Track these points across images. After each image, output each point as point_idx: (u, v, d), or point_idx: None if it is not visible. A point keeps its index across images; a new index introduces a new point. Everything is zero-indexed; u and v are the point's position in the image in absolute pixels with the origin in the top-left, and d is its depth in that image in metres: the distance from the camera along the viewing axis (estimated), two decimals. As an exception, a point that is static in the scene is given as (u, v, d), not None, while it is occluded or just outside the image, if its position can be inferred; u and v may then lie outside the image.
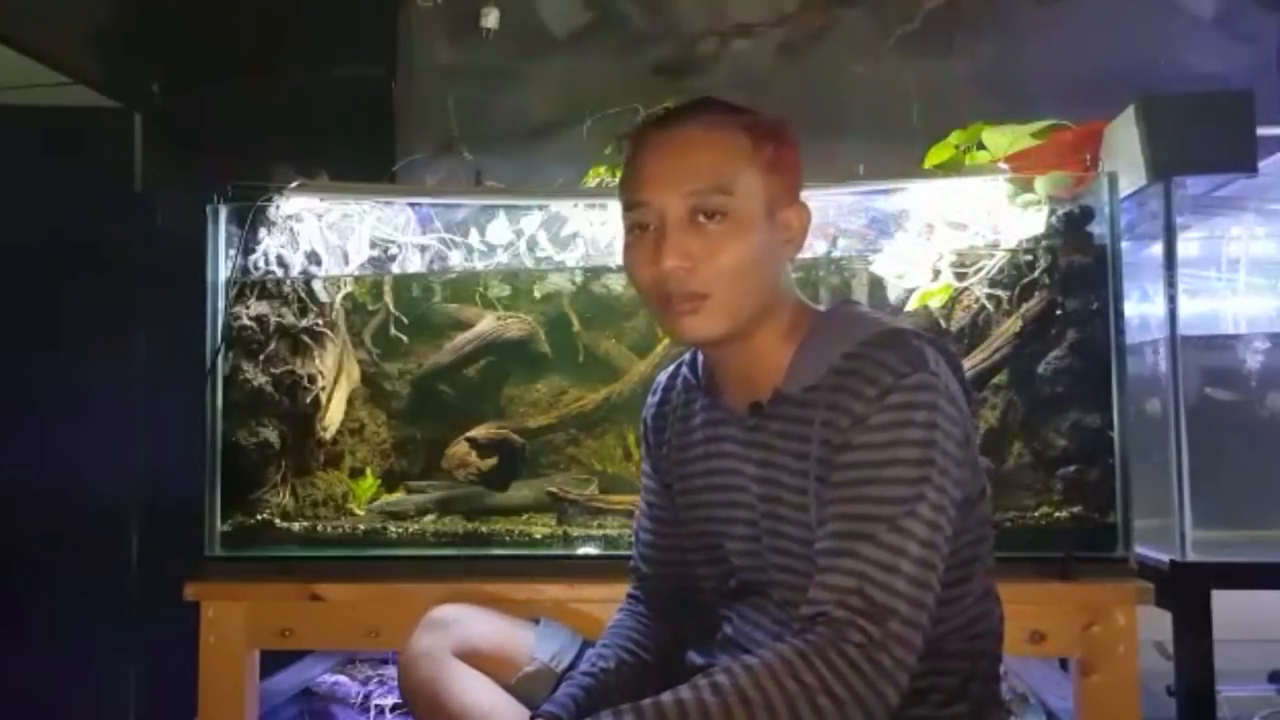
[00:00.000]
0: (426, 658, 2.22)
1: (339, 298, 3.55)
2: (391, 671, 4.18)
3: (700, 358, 2.15)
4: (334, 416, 3.54)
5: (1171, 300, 3.12)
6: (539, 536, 3.30)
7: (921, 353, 1.81)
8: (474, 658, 2.18)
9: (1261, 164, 3.10)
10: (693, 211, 1.86)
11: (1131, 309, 3.24)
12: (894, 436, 1.75)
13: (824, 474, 1.81)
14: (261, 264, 3.44)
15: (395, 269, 3.48)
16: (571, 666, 2.21)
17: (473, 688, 2.14)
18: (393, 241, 3.45)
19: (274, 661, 3.78)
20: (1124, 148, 3.19)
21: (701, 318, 1.87)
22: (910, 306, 3.30)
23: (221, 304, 3.39)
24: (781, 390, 1.91)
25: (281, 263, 3.45)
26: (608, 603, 2.46)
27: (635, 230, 1.94)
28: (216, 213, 3.39)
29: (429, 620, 2.31)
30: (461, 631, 2.22)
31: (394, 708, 4.04)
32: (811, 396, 1.86)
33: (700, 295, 1.86)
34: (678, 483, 2.17)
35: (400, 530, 3.34)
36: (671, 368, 2.31)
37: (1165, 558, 3.11)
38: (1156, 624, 3.09)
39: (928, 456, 1.74)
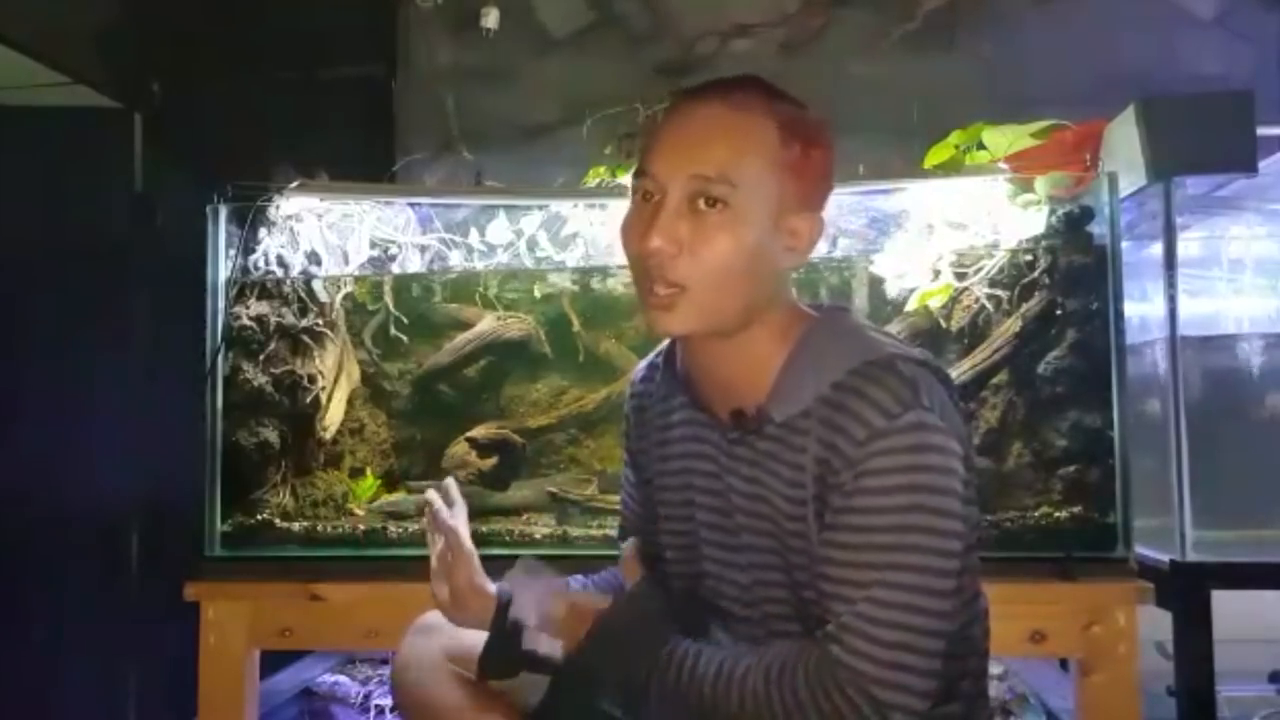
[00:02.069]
0: (418, 662, 2.20)
1: (339, 298, 3.55)
2: (389, 672, 4.19)
3: (679, 348, 2.08)
4: (334, 416, 3.54)
5: (1171, 300, 3.12)
6: (539, 536, 3.30)
7: (914, 384, 1.75)
8: (466, 662, 2.16)
9: (1261, 164, 3.10)
10: (693, 195, 1.79)
11: (1131, 309, 3.23)
12: (892, 483, 1.71)
13: (820, 510, 1.78)
14: (261, 264, 3.44)
15: (395, 269, 3.48)
16: None
17: (464, 692, 2.13)
18: (393, 241, 3.45)
19: (274, 661, 3.79)
20: (1124, 148, 3.19)
21: (674, 314, 1.81)
22: (910, 306, 3.30)
23: (221, 304, 3.39)
24: (767, 411, 1.86)
25: (281, 263, 3.45)
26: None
27: (639, 197, 1.87)
28: (216, 213, 3.40)
29: (420, 625, 2.29)
30: (453, 635, 2.20)
31: (394, 708, 4.04)
32: (801, 424, 1.81)
33: (677, 285, 1.79)
34: (656, 479, 2.14)
35: (400, 530, 3.34)
36: (650, 358, 2.26)
37: (1165, 558, 3.11)
38: (1157, 624, 3.09)
39: (929, 503, 1.71)
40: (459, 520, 2.14)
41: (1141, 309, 3.40)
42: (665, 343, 2.18)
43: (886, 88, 4.48)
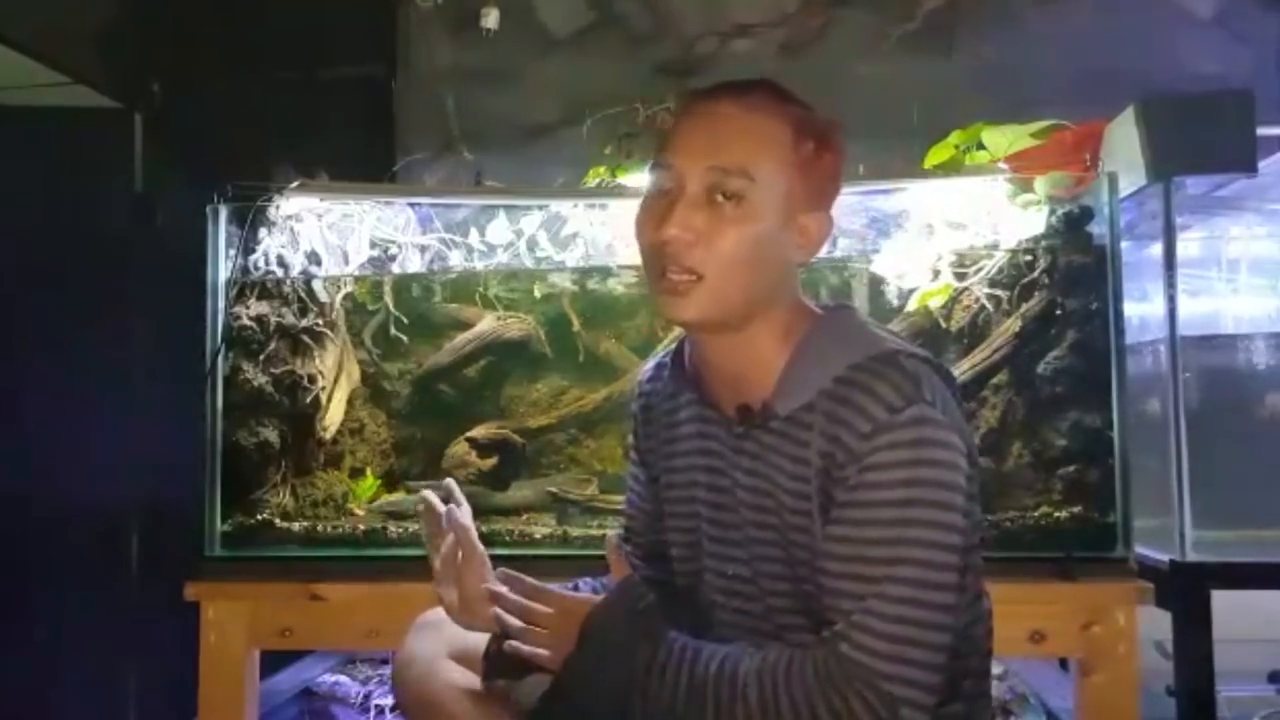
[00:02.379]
0: (419, 660, 2.20)
1: (339, 298, 3.56)
2: (390, 672, 4.18)
3: (687, 347, 2.11)
4: (334, 416, 3.54)
5: (1171, 300, 3.12)
6: (539, 536, 3.31)
7: (916, 379, 1.78)
8: (468, 660, 2.16)
9: (1261, 164, 3.10)
10: (710, 188, 1.83)
11: (1131, 309, 3.24)
12: (895, 477, 1.73)
13: (824, 504, 1.80)
14: (261, 264, 3.44)
15: (395, 269, 3.49)
16: None
17: (466, 691, 2.13)
18: (393, 241, 3.45)
19: (274, 661, 3.79)
20: (1124, 148, 3.19)
21: (688, 300, 1.85)
22: (910, 306, 3.31)
23: (221, 304, 3.39)
24: (772, 405, 1.88)
25: (281, 263, 3.45)
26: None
27: (654, 191, 1.91)
28: (216, 213, 3.40)
29: (421, 622, 2.28)
30: (454, 633, 2.19)
31: (394, 707, 4.03)
32: (805, 417, 1.84)
33: (693, 273, 1.83)
34: (663, 476, 2.15)
35: (400, 530, 3.35)
36: (656, 358, 2.29)
37: (1165, 557, 3.11)
38: (1157, 624, 3.09)
39: (931, 497, 1.73)
40: (467, 520, 2.14)
41: (1141, 309, 3.41)
42: (674, 334, 2.20)
43: (886, 88, 4.50)
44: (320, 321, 3.52)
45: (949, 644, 1.76)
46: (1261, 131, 3.10)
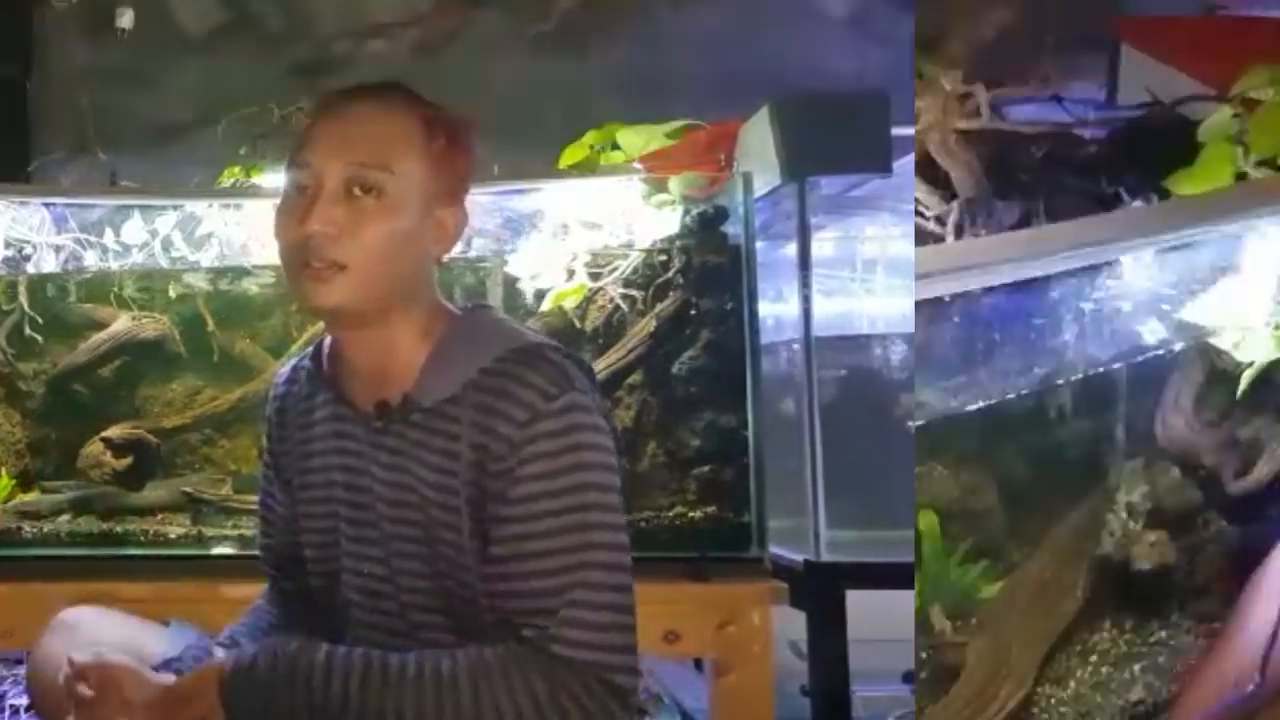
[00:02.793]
0: (53, 661, 2.15)
1: (-34, 298, 3.51)
2: (24, 672, 4.11)
3: (325, 348, 2.10)
4: (-39, 417, 3.49)
5: (806, 300, 3.14)
6: (173, 536, 3.32)
7: (564, 370, 1.82)
8: None
9: (895, 164, 3.12)
10: (349, 182, 1.85)
11: (767, 309, 3.27)
12: (561, 464, 1.75)
13: (476, 497, 1.81)
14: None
15: (30, 269, 3.49)
16: None
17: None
18: (27, 241, 3.44)
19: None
20: (758, 148, 3.21)
21: (331, 286, 1.84)
22: (545, 307, 3.31)
23: None
24: (413, 397, 1.89)
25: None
26: (242, 603, 2.37)
27: (292, 190, 1.91)
28: None
29: (56, 623, 2.23)
30: (90, 634, 2.12)
31: (28, 708, 3.96)
32: (451, 410, 1.85)
33: (338, 265, 1.83)
34: (297, 478, 2.14)
35: (35, 530, 3.35)
36: (293, 361, 2.28)
37: (800, 558, 3.13)
38: (792, 624, 3.14)
39: (601, 481, 1.77)
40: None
41: (777, 309, 3.42)
42: (308, 335, 2.20)
43: (522, 88, 4.57)
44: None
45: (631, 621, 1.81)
46: (896, 132, 3.15)
